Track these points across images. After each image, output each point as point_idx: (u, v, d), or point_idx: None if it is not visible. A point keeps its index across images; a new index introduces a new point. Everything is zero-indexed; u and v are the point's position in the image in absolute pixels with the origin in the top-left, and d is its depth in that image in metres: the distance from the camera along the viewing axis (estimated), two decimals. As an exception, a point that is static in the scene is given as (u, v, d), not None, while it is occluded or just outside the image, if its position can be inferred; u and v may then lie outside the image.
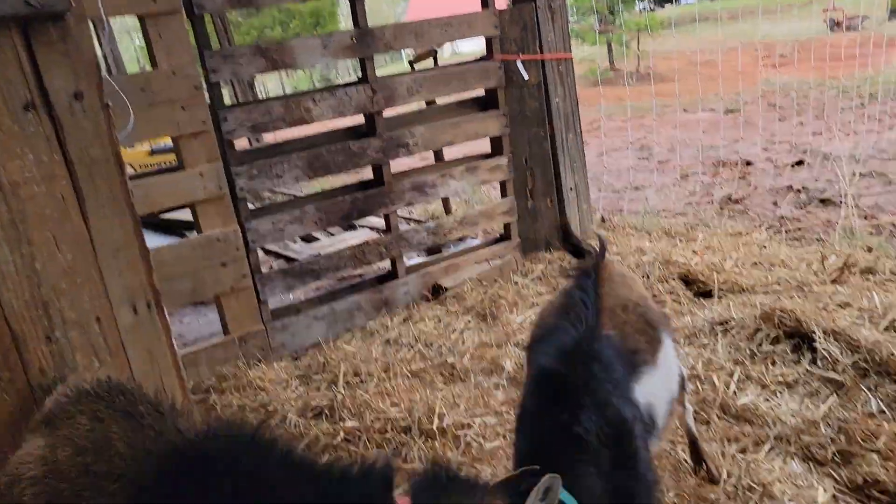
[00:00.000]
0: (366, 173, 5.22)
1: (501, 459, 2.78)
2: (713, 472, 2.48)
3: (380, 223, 6.06)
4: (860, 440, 2.51)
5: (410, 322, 4.26)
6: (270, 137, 8.87)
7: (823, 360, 3.04)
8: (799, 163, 6.99)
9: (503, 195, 5.00)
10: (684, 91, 9.31)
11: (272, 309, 4.13)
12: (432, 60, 5.63)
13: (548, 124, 4.95)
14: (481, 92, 4.85)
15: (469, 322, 4.12)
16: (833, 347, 3.05)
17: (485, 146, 5.04)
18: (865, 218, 5.24)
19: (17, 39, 1.82)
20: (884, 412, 2.70)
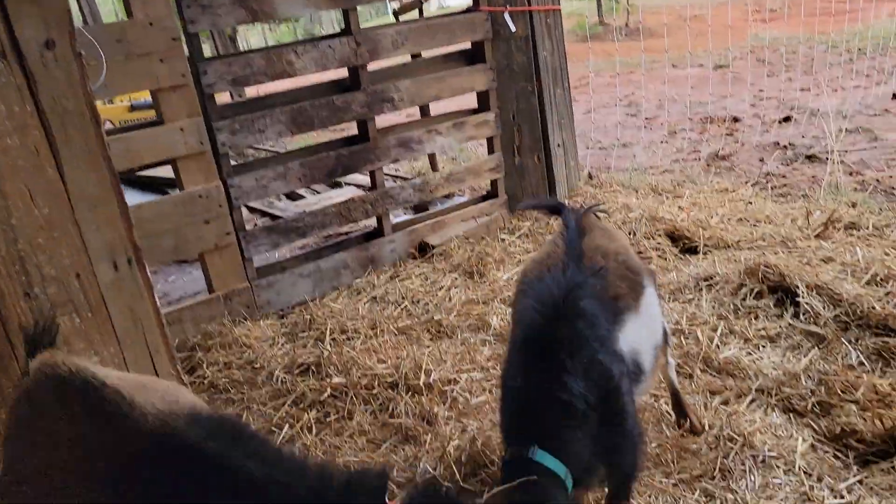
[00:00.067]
0: (351, 129, 5.13)
1: (487, 414, 2.82)
2: (695, 424, 2.52)
3: (365, 181, 6.00)
4: (839, 391, 2.56)
5: (397, 279, 4.25)
6: (252, 92, 8.69)
7: (806, 314, 3.08)
8: (786, 119, 6.96)
9: (490, 152, 4.95)
10: (673, 46, 9.17)
11: (257, 267, 4.10)
12: (417, 12, 5.51)
13: (535, 79, 4.87)
14: (468, 45, 4.75)
15: (456, 279, 4.12)
16: (815, 301, 3.10)
17: (471, 101, 4.97)
18: (851, 174, 5.26)
19: (-17, -15, 1.75)
20: (863, 364, 2.75)
